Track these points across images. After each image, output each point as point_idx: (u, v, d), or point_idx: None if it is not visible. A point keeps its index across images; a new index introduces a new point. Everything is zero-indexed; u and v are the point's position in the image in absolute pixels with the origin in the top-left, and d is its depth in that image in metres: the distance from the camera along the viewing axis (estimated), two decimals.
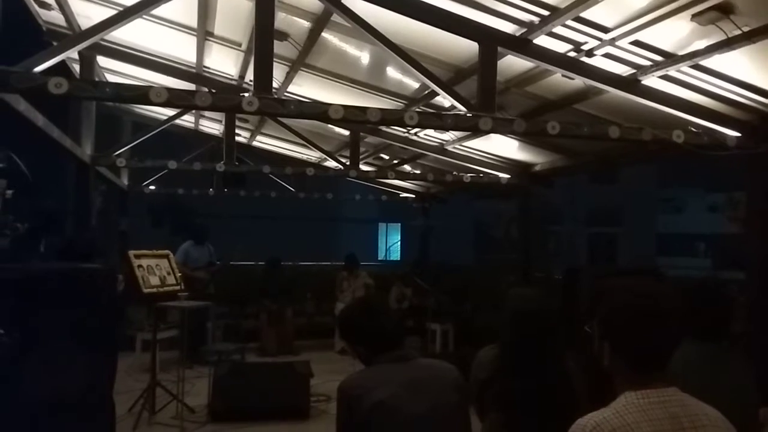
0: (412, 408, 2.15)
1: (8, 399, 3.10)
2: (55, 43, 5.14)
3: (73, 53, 4.48)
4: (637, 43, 3.71)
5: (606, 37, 3.67)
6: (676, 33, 3.51)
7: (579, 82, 4.27)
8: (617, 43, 3.70)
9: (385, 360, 2.25)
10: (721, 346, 2.32)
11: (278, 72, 5.31)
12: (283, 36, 4.84)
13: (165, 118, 7.64)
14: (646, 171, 24.14)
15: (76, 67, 6.48)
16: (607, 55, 3.90)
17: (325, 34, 4.78)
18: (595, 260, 24.15)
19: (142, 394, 5.47)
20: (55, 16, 5.52)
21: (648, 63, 3.88)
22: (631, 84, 4.03)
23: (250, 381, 5.70)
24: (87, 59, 6.13)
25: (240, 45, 5.55)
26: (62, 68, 4.79)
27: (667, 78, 4.00)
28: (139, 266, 5.58)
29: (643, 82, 4.02)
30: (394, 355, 2.26)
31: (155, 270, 5.77)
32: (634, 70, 3.98)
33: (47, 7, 5.30)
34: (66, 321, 3.27)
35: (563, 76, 4.23)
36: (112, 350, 3.73)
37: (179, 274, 6.22)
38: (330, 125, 7.14)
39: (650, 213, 26.74)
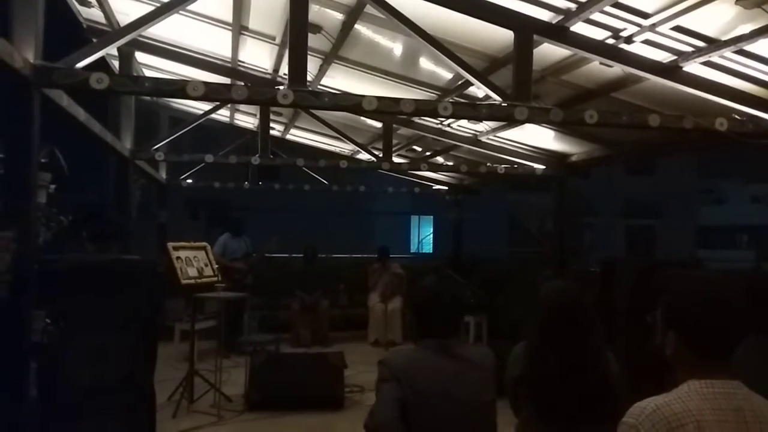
0: (450, 403, 2.19)
1: (54, 385, 3.21)
2: (94, 40, 5.26)
3: (112, 49, 4.57)
4: (678, 29, 3.60)
5: (646, 23, 3.58)
6: (720, 17, 3.40)
7: (618, 69, 4.17)
8: (658, 29, 3.60)
9: (431, 346, 2.30)
10: None
11: (312, 65, 5.33)
12: (317, 29, 4.86)
13: (201, 112, 7.75)
14: (686, 161, 23.57)
15: (115, 63, 6.62)
16: (647, 42, 3.80)
17: (358, 26, 4.77)
18: (632, 253, 23.71)
19: (181, 383, 5.59)
20: (94, 14, 5.65)
21: (690, 49, 3.77)
22: (672, 71, 3.92)
23: (285, 371, 5.77)
24: (126, 55, 6.25)
25: (274, 38, 5.59)
26: (102, 64, 4.90)
27: (709, 64, 3.88)
28: (178, 258, 5.68)
29: (684, 69, 3.91)
30: (440, 344, 2.31)
31: (193, 261, 5.87)
32: (675, 57, 3.87)
33: (87, 4, 5.41)
34: (108, 311, 3.37)
35: (601, 63, 4.14)
36: (152, 340, 3.82)
37: (216, 266, 6.32)
38: (363, 117, 7.15)
39: (690, 204, 26.10)
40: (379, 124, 7.54)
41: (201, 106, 7.90)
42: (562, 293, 2.52)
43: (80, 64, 3.46)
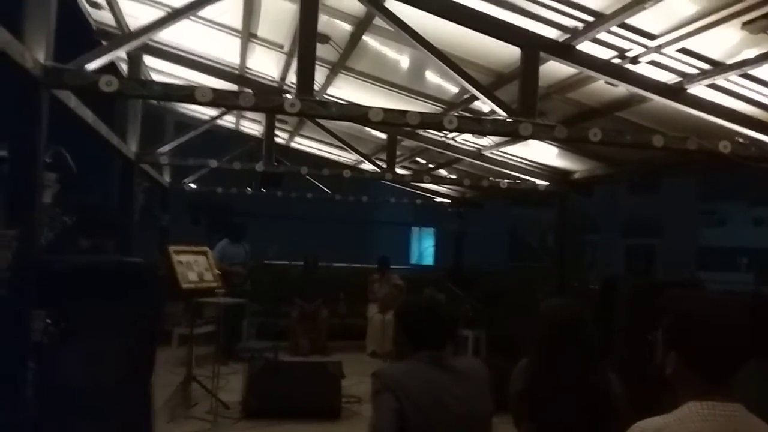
0: (445, 415, 2.19)
1: (53, 385, 3.21)
2: (104, 43, 5.30)
3: (121, 52, 4.60)
4: (684, 51, 3.63)
5: (652, 44, 3.61)
6: (726, 41, 3.43)
7: (622, 89, 4.19)
8: (663, 51, 3.64)
9: (424, 358, 2.28)
10: None
11: (319, 74, 5.36)
12: (325, 39, 4.89)
13: (207, 118, 7.79)
14: (688, 182, 23.55)
15: (124, 67, 6.66)
16: (653, 63, 3.83)
17: (366, 38, 4.81)
18: (632, 272, 23.65)
19: (178, 388, 5.58)
20: (104, 16, 5.69)
21: (695, 71, 3.80)
22: (676, 92, 3.95)
23: (283, 379, 5.75)
24: (135, 59, 6.28)
25: (282, 47, 5.62)
26: (110, 67, 4.93)
27: (714, 87, 3.91)
28: (179, 262, 5.69)
29: (689, 91, 3.94)
30: (433, 356, 2.29)
31: (194, 266, 5.87)
32: (680, 78, 3.90)
33: (98, 6, 5.46)
34: (113, 313, 3.38)
35: (606, 83, 4.17)
36: (151, 343, 3.82)
37: (216, 271, 6.32)
38: (367, 128, 7.18)
39: (691, 225, 26.07)
40: (383, 135, 7.57)
41: (207, 112, 7.94)
42: (564, 311, 2.51)
43: (90, 66, 3.49)
